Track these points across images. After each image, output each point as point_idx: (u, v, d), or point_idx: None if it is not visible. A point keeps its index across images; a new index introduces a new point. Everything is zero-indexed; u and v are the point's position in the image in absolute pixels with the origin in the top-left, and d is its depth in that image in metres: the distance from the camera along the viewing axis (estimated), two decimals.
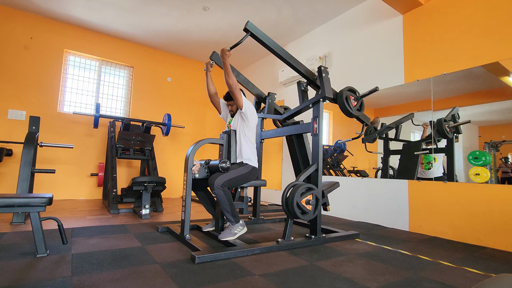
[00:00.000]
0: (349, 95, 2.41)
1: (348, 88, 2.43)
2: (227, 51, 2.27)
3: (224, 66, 2.30)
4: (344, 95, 2.38)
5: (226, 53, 2.27)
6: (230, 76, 2.30)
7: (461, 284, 1.51)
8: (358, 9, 3.75)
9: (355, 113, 2.44)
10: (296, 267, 1.68)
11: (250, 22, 2.12)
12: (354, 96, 2.45)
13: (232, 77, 2.31)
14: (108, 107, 4.93)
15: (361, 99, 2.48)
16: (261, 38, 2.19)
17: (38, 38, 4.30)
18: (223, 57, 2.28)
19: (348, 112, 2.42)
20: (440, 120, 2.79)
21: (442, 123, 2.77)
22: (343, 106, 2.39)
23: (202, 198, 2.50)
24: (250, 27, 2.13)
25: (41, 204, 1.70)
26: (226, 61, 2.29)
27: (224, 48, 2.28)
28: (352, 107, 2.42)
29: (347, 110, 2.40)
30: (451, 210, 2.61)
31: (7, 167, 3.95)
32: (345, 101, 2.37)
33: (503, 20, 2.43)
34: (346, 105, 2.38)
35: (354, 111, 2.43)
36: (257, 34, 2.17)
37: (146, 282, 1.39)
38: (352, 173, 3.68)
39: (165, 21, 4.33)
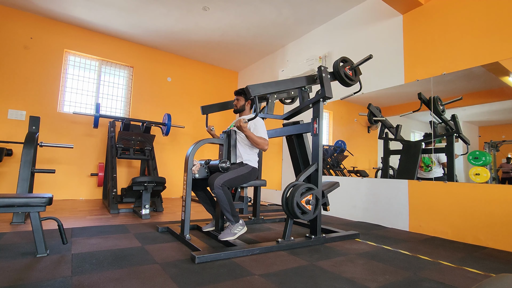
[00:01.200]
0: (345, 67, 2.43)
1: (341, 59, 2.43)
2: (243, 122, 2.23)
3: (249, 138, 2.30)
4: (342, 71, 2.39)
5: (242, 124, 2.23)
6: (259, 143, 2.29)
7: (461, 284, 1.51)
8: (358, 9, 3.75)
9: (355, 81, 2.47)
10: (296, 267, 1.68)
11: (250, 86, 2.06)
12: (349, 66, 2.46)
13: (262, 144, 2.30)
14: (108, 107, 4.93)
15: (355, 67, 2.49)
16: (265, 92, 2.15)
17: (38, 38, 4.30)
18: (242, 130, 2.26)
19: (348, 84, 2.44)
20: (435, 98, 2.79)
21: (436, 101, 2.78)
22: (342, 81, 2.41)
23: (202, 198, 2.50)
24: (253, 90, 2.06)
25: (41, 204, 1.70)
26: (247, 133, 2.27)
27: (240, 120, 2.23)
28: (350, 76, 2.45)
29: (346, 82, 2.43)
30: (451, 210, 2.61)
31: (7, 167, 3.95)
32: (344, 76, 2.40)
33: (503, 20, 2.43)
34: (345, 78, 2.40)
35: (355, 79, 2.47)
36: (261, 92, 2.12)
37: (146, 282, 1.39)
38: (352, 173, 3.68)
39: (165, 21, 4.33)
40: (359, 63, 2.45)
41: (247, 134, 2.27)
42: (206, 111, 2.84)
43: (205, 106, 2.85)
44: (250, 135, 2.28)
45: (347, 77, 2.42)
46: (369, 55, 2.38)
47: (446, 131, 2.79)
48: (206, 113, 2.84)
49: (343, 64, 2.42)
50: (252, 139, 2.29)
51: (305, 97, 2.68)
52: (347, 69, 2.44)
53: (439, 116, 2.81)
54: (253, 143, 2.32)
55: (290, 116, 2.80)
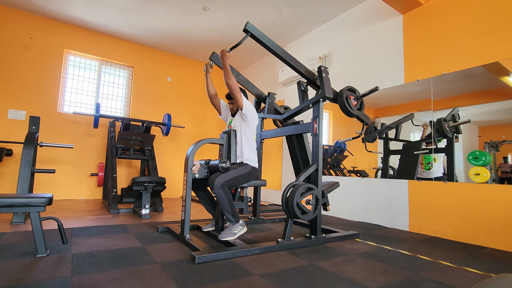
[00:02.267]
0: (349, 95, 2.41)
1: (348, 87, 2.43)
2: (226, 52, 2.26)
3: (224, 67, 2.30)
4: (345, 95, 2.38)
5: (226, 54, 2.26)
6: (230, 77, 2.29)
7: (461, 284, 1.51)
8: (358, 9, 3.75)
9: (356, 112, 2.44)
10: (296, 267, 1.68)
11: (250, 23, 2.12)
12: (354, 96, 2.45)
13: (232, 78, 2.30)
14: (108, 107, 4.93)
15: (361, 98, 2.48)
16: (260, 39, 2.19)
17: (38, 38, 4.30)
18: (222, 58, 2.28)
19: (349, 112, 2.42)
20: (440, 120, 2.79)
21: (442, 122, 2.78)
22: (343, 106, 2.39)
23: (202, 198, 2.50)
24: (250, 27, 2.12)
25: (41, 204, 1.70)
26: (226, 62, 2.28)
27: (224, 49, 2.27)
28: (353, 106, 2.42)
29: (347, 110, 2.40)
30: (451, 210, 2.61)
31: (7, 167, 3.95)
32: (345, 100, 2.37)
33: (503, 20, 2.43)
34: (346, 104, 2.38)
35: (355, 111, 2.43)
36: (257, 35, 2.17)
37: (146, 282, 1.39)
38: (352, 173, 3.68)
39: (165, 21, 4.33)
40: (365, 94, 2.44)
41: (224, 63, 2.27)
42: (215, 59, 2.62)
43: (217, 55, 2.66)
44: (227, 67, 2.27)
45: (349, 104, 2.39)
46: (375, 87, 2.39)
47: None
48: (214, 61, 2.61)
49: (349, 93, 2.42)
50: (226, 70, 2.27)
51: (305, 97, 2.69)
52: (352, 97, 2.43)
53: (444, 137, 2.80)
54: (225, 76, 2.28)
55: (290, 116, 2.80)
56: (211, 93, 2.61)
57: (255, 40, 2.21)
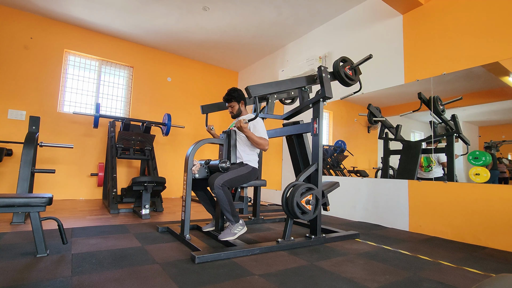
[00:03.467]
0: (345, 67, 2.43)
1: (341, 59, 2.43)
2: (244, 123, 2.20)
3: (250, 139, 2.28)
4: (342, 71, 2.39)
5: (243, 126, 2.21)
6: (259, 144, 2.28)
7: (461, 284, 1.51)
8: (358, 9, 3.75)
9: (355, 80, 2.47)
10: (296, 267, 1.68)
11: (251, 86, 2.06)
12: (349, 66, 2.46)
13: (262, 144, 2.28)
14: (108, 107, 4.93)
15: (355, 67, 2.49)
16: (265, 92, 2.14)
17: (38, 38, 4.30)
18: (243, 131, 2.24)
19: (348, 84, 2.44)
20: (435, 98, 2.79)
21: (436, 100, 2.78)
22: (343, 80, 2.41)
23: (202, 198, 2.50)
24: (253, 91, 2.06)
25: (41, 204, 1.70)
26: (248, 133, 2.25)
27: (240, 121, 2.20)
28: (350, 76, 2.45)
29: (346, 82, 2.43)
30: (451, 210, 2.61)
31: (7, 167, 3.95)
32: (344, 76, 2.40)
33: (503, 20, 2.43)
34: (345, 78, 2.40)
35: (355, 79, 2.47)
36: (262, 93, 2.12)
37: (146, 282, 1.39)
38: (352, 173, 3.68)
39: (165, 21, 4.33)
40: (359, 63, 2.45)
41: (247, 135, 2.27)
42: (205, 110, 2.85)
43: (205, 106, 2.86)
44: (251, 135, 2.27)
45: (347, 77, 2.42)
46: (369, 55, 2.38)
47: (446, 131, 2.79)
48: (206, 112, 2.84)
49: (343, 64, 2.43)
50: (252, 140, 2.29)
51: (305, 97, 2.69)
52: (347, 69, 2.44)
53: (439, 116, 2.81)
54: (253, 144, 2.32)
55: (290, 116, 2.80)
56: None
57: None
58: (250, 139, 2.30)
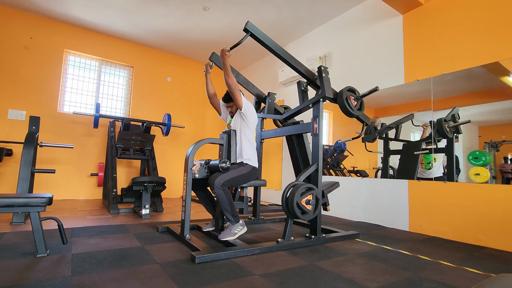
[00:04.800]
0: (349, 95, 2.41)
1: (348, 88, 2.43)
2: (226, 51, 2.26)
3: (224, 66, 2.30)
4: (344, 96, 2.38)
5: (226, 53, 2.26)
6: (230, 76, 2.29)
7: (461, 284, 1.51)
8: (358, 9, 3.75)
9: (356, 113, 2.44)
10: (296, 267, 1.68)
11: (250, 22, 2.12)
12: (354, 96, 2.45)
13: (232, 77, 2.31)
14: (108, 107, 4.93)
15: (361, 98, 2.48)
16: (261, 38, 2.19)
17: (38, 38, 4.30)
18: (222, 57, 2.28)
19: (349, 112, 2.42)
20: (440, 120, 2.79)
21: (442, 123, 2.77)
22: (343, 106, 2.39)
23: (202, 198, 2.50)
24: (250, 27, 2.13)
25: (41, 204, 1.70)
26: (226, 61, 2.29)
27: (224, 48, 2.27)
28: (353, 107, 2.42)
29: (347, 110, 2.40)
30: (451, 210, 2.61)
31: (7, 167, 3.95)
32: (345, 101, 2.38)
33: (503, 20, 2.43)
34: (346, 105, 2.38)
35: (355, 111, 2.43)
36: (257, 34, 2.18)
37: (146, 282, 1.39)
38: (352, 173, 3.68)
39: (165, 21, 4.33)
40: (365, 94, 2.44)
41: (224, 62, 2.27)
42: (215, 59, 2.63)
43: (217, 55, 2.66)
44: (227, 65, 2.28)
45: (349, 104, 2.39)
46: (375, 87, 2.40)
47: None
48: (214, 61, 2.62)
49: (349, 93, 2.42)
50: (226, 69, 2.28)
51: (305, 97, 2.69)
52: (352, 98, 2.43)
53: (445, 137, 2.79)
54: (225, 74, 2.29)
55: (290, 116, 2.80)
56: (210, 93, 2.62)
57: (255, 39, 2.22)
58: (225, 67, 2.29)
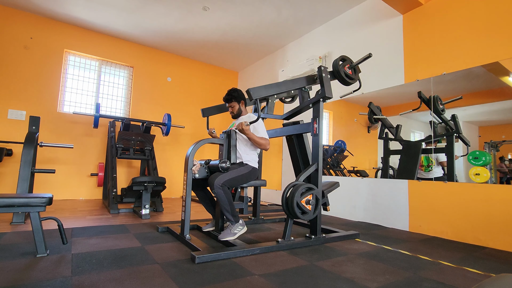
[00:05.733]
0: (344, 66, 2.43)
1: (341, 58, 2.43)
2: (245, 126, 2.21)
3: (251, 140, 2.30)
4: (342, 71, 2.39)
5: (245, 128, 2.22)
6: (260, 144, 2.30)
7: (461, 284, 1.51)
8: (358, 9, 3.75)
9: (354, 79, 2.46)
10: (296, 267, 1.68)
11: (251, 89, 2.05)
12: (348, 65, 2.46)
13: (262, 144, 2.30)
14: (108, 107, 4.93)
15: (354, 66, 2.49)
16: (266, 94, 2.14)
17: (38, 38, 4.30)
18: (244, 133, 2.25)
19: (348, 83, 2.44)
20: (434, 97, 2.79)
21: (436, 100, 2.78)
22: (342, 80, 2.41)
23: (202, 198, 2.50)
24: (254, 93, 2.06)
25: (41, 204, 1.70)
26: (249, 135, 2.27)
27: (242, 123, 2.21)
28: (350, 75, 2.44)
29: (346, 82, 2.42)
30: (451, 210, 2.61)
31: (7, 167, 3.95)
32: (344, 75, 2.39)
33: (503, 20, 2.43)
34: (345, 78, 2.40)
35: (354, 78, 2.46)
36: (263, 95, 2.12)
37: (146, 282, 1.39)
38: (352, 173, 3.68)
39: (165, 21, 4.33)
40: (358, 62, 2.45)
41: (249, 136, 2.28)
42: (206, 113, 2.83)
43: (205, 109, 2.84)
44: (252, 136, 2.29)
45: (347, 76, 2.42)
46: (368, 54, 2.39)
47: (446, 131, 2.79)
48: (206, 115, 2.83)
49: (343, 63, 2.42)
50: (254, 141, 2.30)
51: (305, 97, 2.69)
52: (346, 68, 2.44)
53: (439, 116, 2.81)
54: (255, 144, 2.33)
55: (290, 116, 2.80)
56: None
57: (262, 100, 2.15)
58: (251, 140, 2.31)
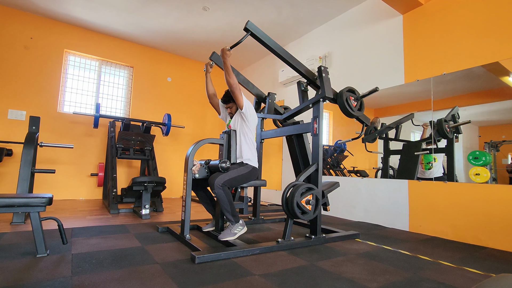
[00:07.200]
0: (349, 96, 2.41)
1: (348, 88, 2.43)
2: (227, 50, 2.26)
3: (225, 65, 2.29)
4: (344, 96, 2.38)
5: (226, 52, 2.25)
6: (231, 75, 2.29)
7: (461, 284, 1.51)
8: (358, 9, 3.75)
9: (356, 113, 2.44)
10: (296, 267, 1.68)
11: (250, 22, 2.12)
12: (354, 97, 2.45)
13: (233, 77, 2.31)
14: (108, 107, 4.93)
15: (361, 99, 2.48)
16: (261, 38, 2.19)
17: (38, 38, 4.30)
18: (223, 56, 2.27)
19: (349, 113, 2.42)
20: (440, 120, 2.79)
21: (442, 123, 2.77)
22: (343, 107, 2.39)
23: (202, 198, 2.50)
24: (250, 26, 2.13)
25: (41, 204, 1.70)
26: (227, 60, 2.28)
27: (224, 47, 2.27)
28: (353, 107, 2.42)
29: (347, 111, 2.40)
30: (451, 210, 2.61)
31: (7, 167, 3.95)
32: (345, 101, 2.38)
33: (503, 20, 2.43)
34: (346, 105, 2.38)
35: (355, 112, 2.43)
36: (257, 34, 2.18)
37: (146, 282, 1.39)
38: (352, 173, 3.68)
39: (165, 21, 4.33)
40: (365, 95, 2.44)
41: (225, 61, 2.26)
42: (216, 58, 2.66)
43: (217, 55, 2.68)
44: (228, 65, 2.26)
45: (349, 105, 2.39)
46: (375, 88, 2.40)
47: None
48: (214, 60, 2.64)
49: (349, 94, 2.42)
50: (227, 69, 2.26)
51: (305, 97, 2.69)
52: (352, 98, 2.42)
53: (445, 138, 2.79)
54: (226, 74, 2.28)
55: (290, 116, 2.80)
56: (210, 92, 2.62)
57: (256, 39, 2.21)
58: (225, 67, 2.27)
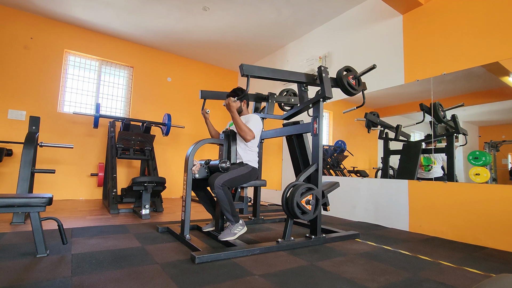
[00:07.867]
0: (348, 76, 2.41)
1: (345, 68, 2.42)
2: (232, 102, 2.05)
3: (233, 120, 2.15)
4: (345, 80, 2.37)
5: (232, 104, 2.06)
6: (242, 129, 2.15)
7: (461, 284, 1.51)
8: (358, 9, 3.75)
9: (358, 91, 2.44)
10: (296, 267, 1.68)
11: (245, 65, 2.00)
12: (352, 75, 2.45)
13: (243, 131, 2.16)
14: (108, 107, 4.93)
15: (359, 77, 2.48)
16: (259, 75, 2.11)
17: (38, 38, 4.30)
18: (229, 110, 2.14)
19: (351, 93, 2.42)
20: (435, 104, 2.79)
21: (437, 107, 2.78)
22: (345, 89, 2.39)
23: (202, 198, 2.50)
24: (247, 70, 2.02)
25: (41, 204, 1.70)
26: (234, 114, 2.12)
27: (229, 99, 2.06)
28: (354, 86, 2.42)
29: (349, 92, 2.40)
30: (451, 210, 2.61)
31: (7, 167, 3.95)
32: (346, 84, 2.38)
33: (503, 20, 2.43)
34: (348, 87, 2.38)
35: (357, 90, 2.44)
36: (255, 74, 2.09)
37: (146, 282, 1.39)
38: (352, 173, 3.68)
39: (165, 21, 4.33)
40: (362, 73, 2.43)
41: (233, 115, 2.17)
42: (204, 95, 2.78)
43: (204, 91, 2.80)
44: (237, 118, 2.17)
45: (350, 86, 2.39)
46: (373, 65, 2.38)
47: (446, 131, 2.79)
48: (204, 98, 2.76)
49: (347, 73, 2.41)
50: (237, 123, 2.19)
51: (305, 97, 2.68)
52: (350, 78, 2.43)
53: (440, 123, 2.80)
54: (237, 128, 2.23)
55: (290, 116, 2.80)
56: (213, 134, 2.66)
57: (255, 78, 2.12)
58: (234, 121, 2.21)
